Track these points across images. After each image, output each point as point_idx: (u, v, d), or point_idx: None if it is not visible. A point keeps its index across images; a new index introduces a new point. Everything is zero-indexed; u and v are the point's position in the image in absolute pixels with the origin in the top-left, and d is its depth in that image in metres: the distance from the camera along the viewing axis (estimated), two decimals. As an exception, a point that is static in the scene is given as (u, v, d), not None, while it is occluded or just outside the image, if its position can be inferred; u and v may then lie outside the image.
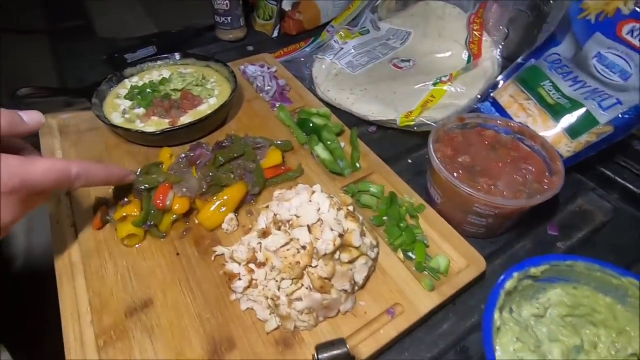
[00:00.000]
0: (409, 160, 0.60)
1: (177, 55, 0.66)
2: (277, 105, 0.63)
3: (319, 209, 0.40)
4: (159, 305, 0.39)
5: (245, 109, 0.63)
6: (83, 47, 0.83)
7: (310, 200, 0.41)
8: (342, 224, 0.39)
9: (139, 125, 0.54)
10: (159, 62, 0.66)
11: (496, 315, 0.34)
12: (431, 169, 0.48)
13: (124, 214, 0.43)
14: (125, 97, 0.59)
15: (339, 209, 0.40)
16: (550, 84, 0.55)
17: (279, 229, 0.39)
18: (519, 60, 0.61)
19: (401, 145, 0.62)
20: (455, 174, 0.44)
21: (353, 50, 0.75)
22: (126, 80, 0.62)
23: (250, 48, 0.84)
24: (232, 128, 0.59)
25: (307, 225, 0.38)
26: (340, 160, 0.54)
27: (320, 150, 0.55)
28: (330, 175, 0.53)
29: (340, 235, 0.38)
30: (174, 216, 0.45)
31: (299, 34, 0.88)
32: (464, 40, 0.69)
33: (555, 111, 0.53)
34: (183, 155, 0.48)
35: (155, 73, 0.64)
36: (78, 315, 0.38)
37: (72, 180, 0.34)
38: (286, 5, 0.85)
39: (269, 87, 0.67)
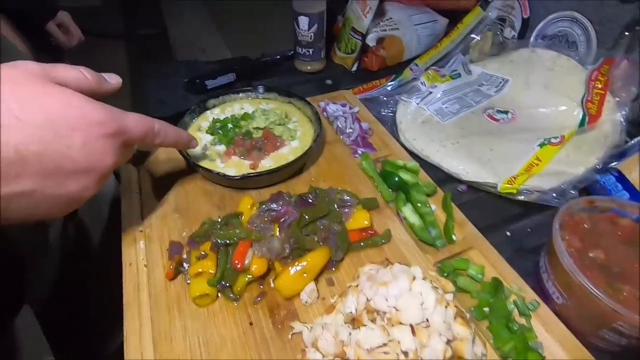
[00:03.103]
0: (507, 233, 0.52)
1: (260, 89, 0.63)
2: (360, 153, 0.58)
3: (423, 302, 0.33)
4: (229, 388, 0.34)
5: (326, 153, 0.59)
6: (165, 69, 0.85)
7: (410, 289, 0.35)
8: (451, 328, 0.32)
9: (219, 165, 0.52)
10: (240, 95, 0.64)
11: None
12: (551, 259, 0.40)
13: (199, 270, 0.40)
14: (206, 131, 0.57)
15: (446, 306, 0.34)
16: None
17: (373, 320, 0.34)
18: (656, 129, 0.51)
19: (497, 214, 0.54)
20: (587, 274, 0.36)
21: (442, 96, 0.69)
22: (208, 112, 0.61)
23: (328, 82, 0.81)
24: (311, 175, 0.55)
25: (411, 325, 0.32)
26: (432, 227, 0.48)
27: (408, 212, 0.49)
28: (420, 244, 0.46)
29: (448, 341, 0.32)
30: (249, 277, 0.41)
31: (380, 70, 0.83)
32: (579, 97, 0.60)
33: None
34: (265, 207, 0.44)
35: (236, 106, 0.62)
36: (143, 384, 0.34)
37: (154, 135, 0.37)
38: (370, 40, 0.81)
39: (350, 130, 0.62)
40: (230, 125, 0.56)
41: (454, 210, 0.50)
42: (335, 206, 0.46)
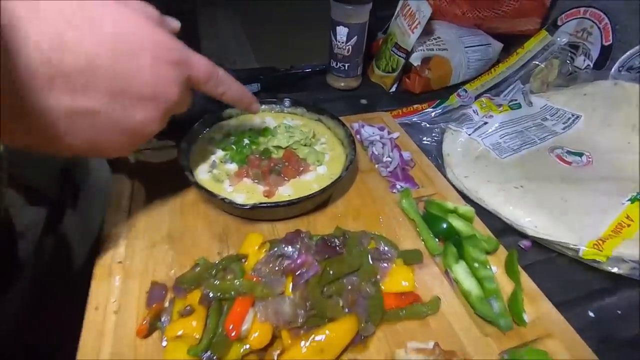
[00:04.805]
0: (590, 314, 0.39)
1: (286, 102, 0.54)
2: (400, 189, 0.47)
3: None
4: None
5: (358, 184, 0.48)
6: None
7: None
8: None
9: (227, 189, 0.42)
10: (263, 106, 0.55)
11: None
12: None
13: (181, 332, 0.29)
14: (218, 146, 0.48)
15: None
16: None
17: None
18: None
19: (574, 285, 0.42)
20: None
21: (500, 128, 0.58)
22: (223, 122, 0.52)
23: (363, 101, 0.72)
24: (338, 210, 0.45)
25: None
26: (494, 300, 0.36)
27: (462, 273, 0.38)
28: (478, 322, 0.35)
29: None
30: (246, 347, 0.30)
31: (423, 93, 0.74)
32: (681, 144, 0.48)
33: None
34: (277, 251, 0.34)
35: (257, 118, 0.53)
36: None
37: (218, 82, 0.34)
38: (415, 59, 0.71)
39: (388, 159, 0.52)
40: (246, 141, 0.47)
41: (522, 276, 0.38)
42: (369, 258, 0.35)
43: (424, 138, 0.62)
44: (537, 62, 0.66)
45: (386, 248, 0.36)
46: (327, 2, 0.67)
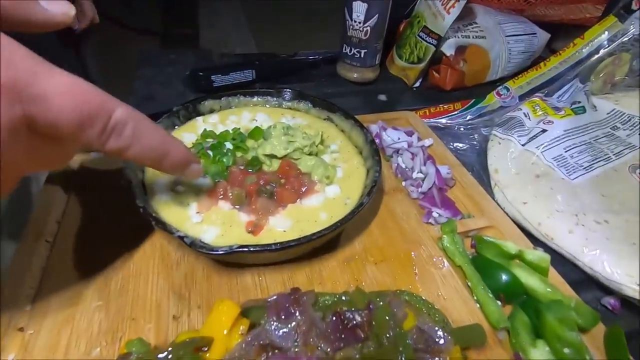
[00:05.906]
0: None
1: (286, 94, 0.41)
2: (437, 218, 0.34)
3: None
4: None
5: (381, 210, 0.35)
6: (167, 57, 0.64)
7: None
8: None
9: (193, 218, 0.29)
10: (255, 99, 0.41)
11: None
12: None
13: None
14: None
15: None
16: None
17: None
18: None
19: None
20: None
21: (563, 137, 0.45)
22: (199, 118, 0.38)
23: (382, 97, 0.58)
24: (355, 249, 0.31)
25: None
26: (602, 414, 0.23)
27: (545, 364, 0.25)
28: None
29: None
30: None
31: (454, 90, 0.60)
32: None
33: None
34: (259, 333, 0.21)
35: (246, 114, 0.40)
36: None
37: (109, 127, 0.19)
38: (448, 48, 0.58)
39: (420, 175, 0.39)
40: (228, 145, 0.34)
41: None
42: (410, 343, 0.22)
43: (460, 146, 0.49)
44: (602, 56, 0.53)
45: (436, 329, 0.22)
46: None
